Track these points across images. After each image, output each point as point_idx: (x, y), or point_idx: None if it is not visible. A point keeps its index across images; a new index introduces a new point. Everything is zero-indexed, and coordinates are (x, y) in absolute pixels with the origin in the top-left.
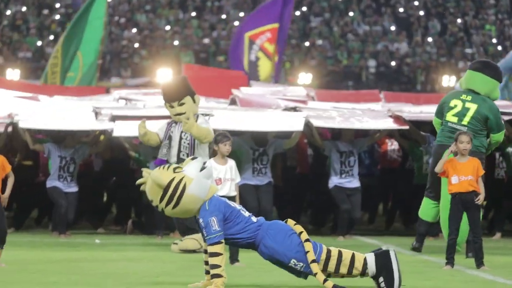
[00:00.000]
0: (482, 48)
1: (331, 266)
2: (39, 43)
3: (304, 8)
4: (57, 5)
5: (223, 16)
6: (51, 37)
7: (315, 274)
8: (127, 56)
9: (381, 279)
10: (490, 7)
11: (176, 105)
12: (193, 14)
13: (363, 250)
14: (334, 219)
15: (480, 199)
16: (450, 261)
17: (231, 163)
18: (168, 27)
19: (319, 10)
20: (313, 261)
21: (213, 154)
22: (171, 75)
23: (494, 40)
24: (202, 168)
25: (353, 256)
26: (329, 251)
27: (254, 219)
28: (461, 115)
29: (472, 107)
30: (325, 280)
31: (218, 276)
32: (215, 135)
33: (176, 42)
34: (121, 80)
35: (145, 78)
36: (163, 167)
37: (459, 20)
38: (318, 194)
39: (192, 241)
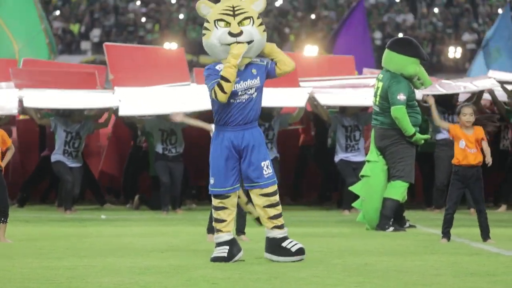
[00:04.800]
0: (489, 19)
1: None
2: None
3: None
4: None
5: None
6: (57, 12)
7: None
8: (133, 30)
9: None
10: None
11: None
12: None
13: None
14: (340, 193)
15: (488, 161)
16: (446, 235)
17: None
18: (174, 0)
19: None
20: None
21: None
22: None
23: (501, 11)
24: None
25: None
26: None
27: None
28: (375, 94)
29: (380, 86)
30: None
31: None
32: None
33: (181, 16)
34: None
35: None
36: None
37: None
38: (322, 167)
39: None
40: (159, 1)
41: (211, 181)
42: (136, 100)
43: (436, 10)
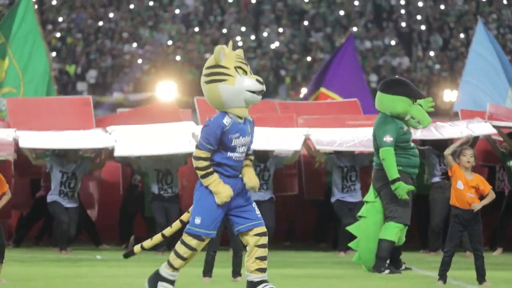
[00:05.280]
0: None
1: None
2: None
3: (306, 23)
4: (60, 19)
5: (225, 31)
6: (54, 53)
7: None
8: (129, 71)
9: None
10: (492, 21)
11: None
12: (196, 29)
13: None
14: (335, 234)
15: (475, 207)
16: (442, 277)
17: None
18: (170, 42)
19: (321, 25)
20: None
21: None
22: (173, 90)
23: None
24: None
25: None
26: None
27: None
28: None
29: (372, 128)
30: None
31: None
32: None
33: (178, 57)
34: (123, 95)
35: (146, 93)
36: None
37: (461, 35)
38: (318, 207)
39: None
40: (155, 43)
41: (197, 220)
42: (132, 140)
43: (431, 53)
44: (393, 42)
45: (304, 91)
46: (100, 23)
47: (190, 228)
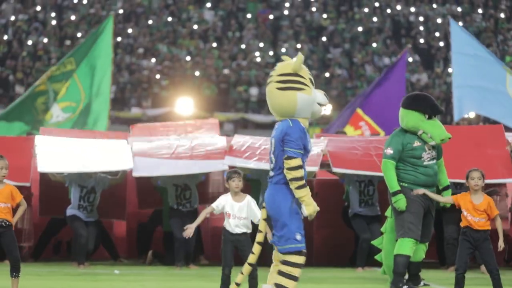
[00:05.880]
0: None
1: None
2: None
3: (324, 39)
4: (79, 35)
5: (243, 46)
6: None
7: None
8: (147, 87)
9: None
10: (510, 38)
11: None
12: (214, 44)
13: (384, 283)
14: (353, 249)
15: (500, 244)
16: None
17: (248, 199)
18: (188, 58)
19: (339, 40)
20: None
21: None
22: (191, 105)
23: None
24: None
25: None
26: None
27: None
28: None
29: None
30: None
31: None
32: (227, 172)
33: (197, 73)
34: (141, 110)
35: (165, 108)
36: None
37: None
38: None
39: None
40: (173, 58)
41: (298, 237)
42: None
43: (450, 70)
44: (411, 59)
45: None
46: (119, 39)
47: (294, 246)
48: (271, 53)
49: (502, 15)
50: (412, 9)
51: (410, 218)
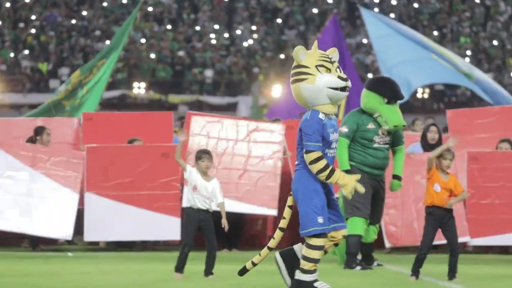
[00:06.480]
0: None
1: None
2: (12, 55)
3: (279, 21)
4: (33, 17)
5: (198, 28)
6: (26, 51)
7: None
8: None
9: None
10: (465, 19)
11: None
12: (169, 27)
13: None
14: None
15: (450, 204)
16: (415, 273)
17: (214, 183)
18: (143, 40)
19: (294, 22)
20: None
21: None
22: (145, 88)
23: (469, 52)
24: None
25: None
26: None
27: None
28: None
29: None
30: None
31: None
32: (197, 152)
33: (152, 55)
34: None
35: (120, 90)
36: None
37: (434, 33)
38: None
39: None
40: (129, 40)
41: (320, 220)
42: None
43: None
44: (365, 41)
45: (276, 88)
46: (73, 21)
47: (315, 229)
48: (226, 35)
49: None
50: None
51: (359, 198)
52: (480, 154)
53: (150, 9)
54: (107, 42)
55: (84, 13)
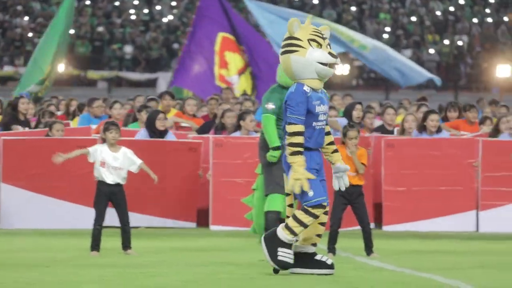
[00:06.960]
0: (376, 37)
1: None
2: None
3: None
4: None
5: (117, 4)
6: None
7: None
8: (20, 45)
9: None
10: None
11: None
12: (88, 2)
13: None
14: None
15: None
16: (331, 250)
17: (124, 150)
18: None
19: None
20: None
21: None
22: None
23: (388, 29)
24: None
25: None
26: None
27: None
28: None
29: None
30: None
31: None
32: (105, 123)
33: (71, 31)
34: (14, 68)
35: None
36: None
37: (353, 8)
38: None
39: None
40: (47, 16)
41: (311, 193)
42: None
43: None
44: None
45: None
46: None
47: (309, 202)
48: (146, 10)
49: None
50: None
51: (280, 174)
52: (396, 141)
53: None
54: (26, 18)
55: None
